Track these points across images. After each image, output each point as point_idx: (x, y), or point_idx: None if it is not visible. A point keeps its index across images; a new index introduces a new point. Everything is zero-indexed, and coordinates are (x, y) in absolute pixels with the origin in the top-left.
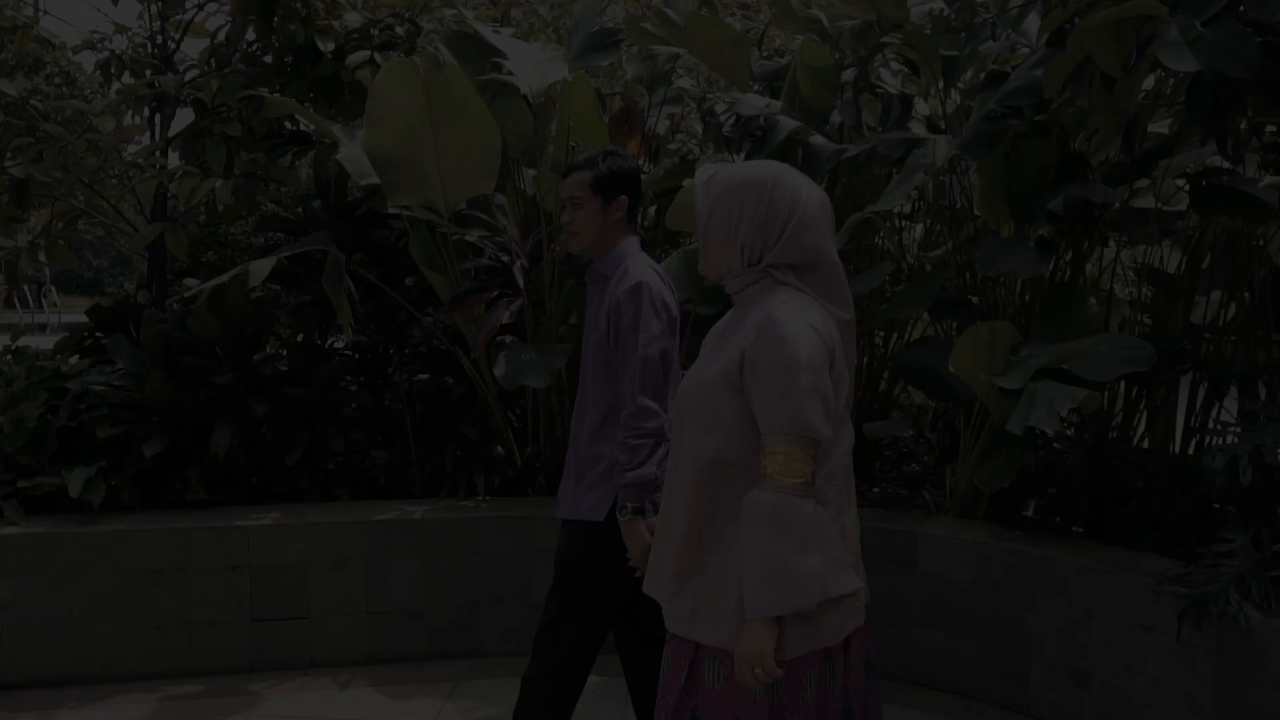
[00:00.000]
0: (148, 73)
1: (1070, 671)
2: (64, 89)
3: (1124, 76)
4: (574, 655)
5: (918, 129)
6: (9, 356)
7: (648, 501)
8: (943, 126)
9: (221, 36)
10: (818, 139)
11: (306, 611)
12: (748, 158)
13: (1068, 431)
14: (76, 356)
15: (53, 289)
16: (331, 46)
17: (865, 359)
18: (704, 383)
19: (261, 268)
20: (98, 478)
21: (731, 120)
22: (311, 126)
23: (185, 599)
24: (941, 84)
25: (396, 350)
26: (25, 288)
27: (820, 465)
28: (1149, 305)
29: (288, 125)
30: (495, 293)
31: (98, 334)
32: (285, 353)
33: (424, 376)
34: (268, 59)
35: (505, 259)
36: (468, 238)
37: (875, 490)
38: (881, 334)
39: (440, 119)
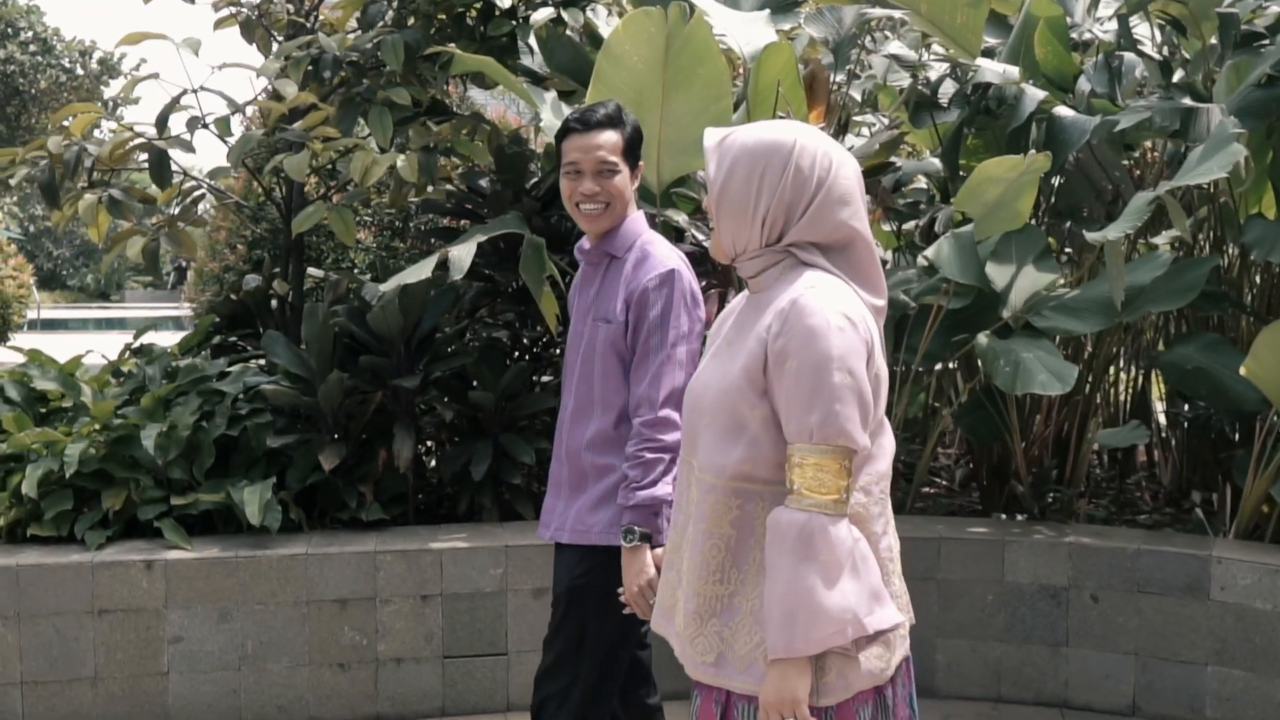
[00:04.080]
0: (275, 36)
1: None
2: (39, 57)
3: None
4: (590, 703)
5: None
6: (130, 356)
7: (656, 526)
8: (1208, 93)
9: None
10: (1065, 111)
11: (504, 647)
12: (963, 126)
13: None
14: (208, 355)
15: (31, 282)
16: (508, 3)
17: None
18: (723, 386)
19: (463, 255)
20: (272, 497)
21: (967, 89)
22: (451, 97)
23: (371, 633)
24: (1216, 43)
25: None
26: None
27: (857, 479)
28: None
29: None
30: (701, 282)
31: (224, 330)
32: (477, 351)
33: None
34: (411, 22)
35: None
36: (677, 220)
37: (1084, 505)
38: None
39: (675, 81)
